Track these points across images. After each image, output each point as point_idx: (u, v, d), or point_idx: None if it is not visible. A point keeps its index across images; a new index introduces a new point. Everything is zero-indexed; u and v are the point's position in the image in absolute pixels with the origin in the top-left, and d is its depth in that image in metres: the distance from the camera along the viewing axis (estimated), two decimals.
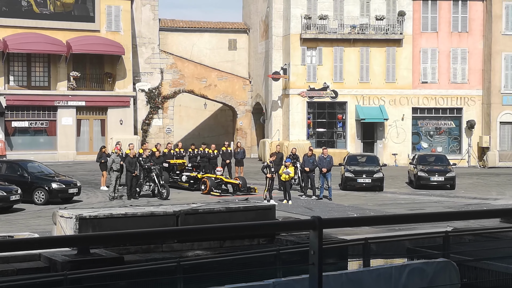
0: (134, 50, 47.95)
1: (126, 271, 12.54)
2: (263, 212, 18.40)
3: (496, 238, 14.74)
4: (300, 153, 33.27)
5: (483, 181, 36.81)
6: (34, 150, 42.95)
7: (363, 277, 9.30)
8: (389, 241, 15.51)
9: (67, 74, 44.82)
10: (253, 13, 51.68)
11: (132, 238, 4.93)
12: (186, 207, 18.24)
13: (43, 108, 44.40)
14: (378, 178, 31.82)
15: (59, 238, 4.44)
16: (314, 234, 4.43)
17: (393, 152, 45.52)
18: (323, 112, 45.84)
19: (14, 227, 21.54)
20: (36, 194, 26.88)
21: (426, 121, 46.68)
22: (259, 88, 50.20)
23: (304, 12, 44.81)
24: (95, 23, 45.32)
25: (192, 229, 5.07)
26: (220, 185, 30.19)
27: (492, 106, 45.32)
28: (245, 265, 12.31)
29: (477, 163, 45.75)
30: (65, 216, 16.29)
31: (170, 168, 32.15)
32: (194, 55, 51.57)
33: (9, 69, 44.49)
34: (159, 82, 49.46)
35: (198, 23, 53.41)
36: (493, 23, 45.20)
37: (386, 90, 45.67)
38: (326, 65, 45.25)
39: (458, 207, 26.87)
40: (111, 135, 44.78)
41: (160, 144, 34.63)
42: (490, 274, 12.26)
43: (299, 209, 25.66)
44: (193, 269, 12.42)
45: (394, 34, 45.30)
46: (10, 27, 43.32)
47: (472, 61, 46.04)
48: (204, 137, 50.22)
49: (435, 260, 9.96)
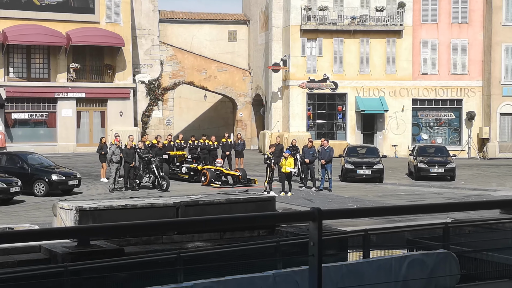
0: (134, 41, 47.87)
1: (126, 263, 12.56)
2: (263, 203, 18.42)
3: (496, 229, 14.74)
4: (300, 144, 33.25)
5: (483, 172, 36.81)
6: (34, 142, 42.97)
7: (363, 268, 9.30)
8: (389, 233, 15.52)
9: (67, 65, 44.77)
10: (253, 5, 51.58)
11: (132, 229, 4.93)
12: (186, 198, 18.25)
13: (43, 100, 44.37)
14: (378, 169, 31.83)
15: (59, 229, 4.45)
16: (313, 226, 4.44)
17: (393, 144, 45.52)
18: (323, 103, 45.81)
19: (14, 219, 21.56)
20: (36, 186, 26.89)
21: (426, 113, 46.65)
22: (259, 80, 50.15)
23: (304, 3, 44.73)
24: (94, 15, 45.24)
25: (192, 221, 5.08)
26: (220, 176, 30.20)
27: (492, 97, 45.29)
28: (245, 257, 12.31)
29: (477, 154, 45.75)
30: (65, 208, 16.30)
31: (170, 160, 32.16)
32: (194, 47, 51.49)
33: (9, 61, 44.45)
34: (159, 74, 49.39)
35: (198, 14, 53.32)
36: (493, 14, 45.13)
37: (386, 81, 45.63)
38: (326, 57, 45.19)
39: (458, 198, 26.88)
40: (111, 127, 44.74)
41: (160, 136, 34.62)
42: (490, 265, 12.27)
43: (299, 200, 25.67)
44: (193, 261, 12.43)
45: (394, 25, 45.22)
46: (9, 18, 43.25)
47: (472, 52, 45.98)
48: (204, 129, 50.20)
49: (435, 252, 9.97)
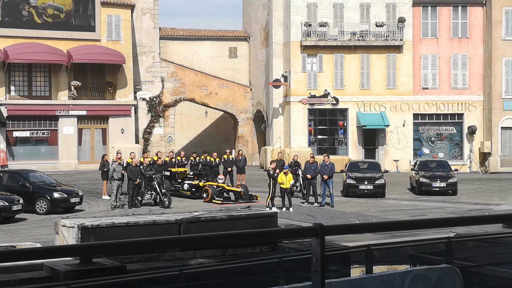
0: (135, 59, 48.01)
1: (128, 280, 12.51)
2: (265, 219, 18.38)
3: (499, 244, 14.70)
4: (302, 160, 33.28)
5: (485, 187, 36.76)
6: (35, 160, 42.99)
7: (366, 284, 9.27)
8: (391, 248, 15.48)
9: (68, 83, 44.88)
10: (253, 21, 51.74)
11: (134, 247, 4.92)
12: (188, 215, 18.21)
13: (44, 118, 44.43)
14: (380, 184, 31.80)
15: (62, 247, 4.44)
16: (316, 241, 4.43)
17: (395, 159, 45.49)
18: (324, 119, 45.85)
19: (16, 237, 21.53)
20: (38, 204, 26.86)
21: (427, 127, 46.66)
22: (260, 96, 50.22)
23: (304, 20, 44.86)
24: (95, 33, 45.40)
25: (194, 238, 5.07)
26: (222, 193, 30.17)
27: (493, 111, 45.31)
28: (248, 273, 12.28)
29: (479, 168, 45.71)
30: (67, 226, 16.27)
31: (171, 177, 32.17)
32: (194, 63, 51.61)
33: (10, 79, 44.58)
34: (160, 91, 49.48)
35: (198, 31, 53.48)
36: (493, 28, 45.24)
37: (387, 96, 45.68)
38: (326, 72, 45.28)
39: (460, 212, 26.83)
40: (112, 144, 44.78)
41: (161, 152, 34.64)
42: (494, 280, 12.22)
43: (301, 216, 25.63)
44: (196, 278, 12.40)
45: (394, 40, 45.33)
46: (11, 37, 43.42)
47: (473, 67, 46.06)
48: (206, 145, 50.22)
49: (438, 266, 9.93)
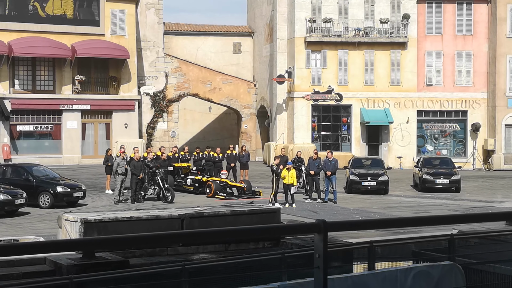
0: (139, 53, 48.00)
1: (131, 275, 12.53)
2: (268, 215, 18.38)
3: (501, 241, 14.68)
4: (305, 156, 33.25)
5: (488, 184, 36.73)
6: (39, 154, 43.05)
7: (369, 280, 9.27)
8: (394, 244, 15.47)
9: (72, 78, 44.90)
10: (257, 17, 51.69)
11: (137, 241, 4.92)
12: (191, 210, 18.23)
13: (48, 112, 44.46)
14: (383, 181, 31.78)
15: (64, 241, 4.45)
16: (319, 237, 4.43)
17: (398, 155, 45.46)
18: (328, 115, 45.82)
19: (20, 231, 21.57)
20: (41, 198, 26.91)
21: (431, 124, 46.62)
22: (263, 91, 50.20)
23: (308, 15, 44.81)
24: (100, 27, 45.40)
25: (197, 233, 5.06)
26: (225, 188, 30.19)
27: (497, 108, 45.25)
28: (250, 269, 12.28)
29: (482, 166, 45.66)
30: (70, 220, 16.29)
31: (175, 172, 32.19)
32: (198, 59, 51.59)
33: (14, 73, 44.61)
34: (163, 86, 49.48)
35: (202, 26, 53.45)
36: (498, 25, 45.16)
37: (391, 93, 45.64)
38: (330, 68, 45.24)
39: (463, 210, 26.80)
40: (116, 138, 44.79)
41: (165, 147, 34.64)
42: (496, 277, 12.21)
43: (304, 212, 25.63)
44: (198, 273, 12.40)
45: (398, 37, 45.27)
46: (15, 31, 43.42)
47: (477, 64, 45.98)
48: (209, 141, 50.24)
49: (441, 263, 9.93)
